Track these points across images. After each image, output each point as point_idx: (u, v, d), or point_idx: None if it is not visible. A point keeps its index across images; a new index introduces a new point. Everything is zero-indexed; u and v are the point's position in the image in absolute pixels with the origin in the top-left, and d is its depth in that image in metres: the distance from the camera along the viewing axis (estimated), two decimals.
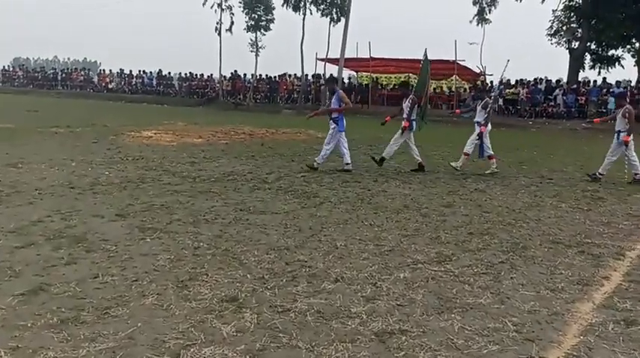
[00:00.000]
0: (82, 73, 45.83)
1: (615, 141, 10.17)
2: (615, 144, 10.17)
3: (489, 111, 10.96)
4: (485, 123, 10.83)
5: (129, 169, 9.47)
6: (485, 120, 10.81)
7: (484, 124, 10.80)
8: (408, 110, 10.59)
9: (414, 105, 10.57)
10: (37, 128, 15.57)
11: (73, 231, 5.46)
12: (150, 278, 4.29)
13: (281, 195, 7.84)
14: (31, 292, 3.87)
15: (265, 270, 4.60)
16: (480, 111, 11.04)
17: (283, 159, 11.77)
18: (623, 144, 9.99)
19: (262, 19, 36.80)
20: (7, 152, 10.67)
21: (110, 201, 6.96)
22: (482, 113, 10.94)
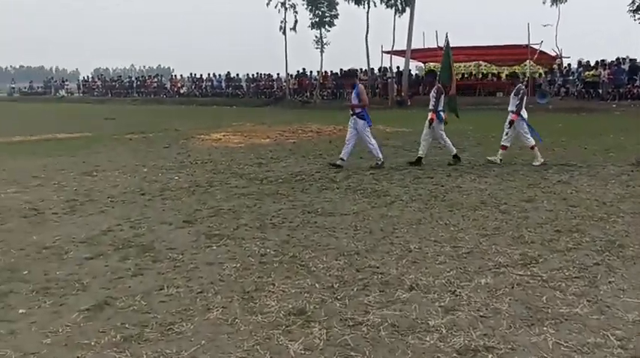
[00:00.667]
0: (155, 79, 47.43)
1: None
2: None
3: (522, 98, 10.18)
4: (518, 111, 10.12)
5: (197, 173, 9.49)
6: (518, 107, 10.10)
7: (516, 112, 10.10)
8: (434, 101, 10.01)
9: (439, 96, 10.00)
10: (112, 135, 16.07)
11: (141, 240, 5.42)
12: (215, 289, 4.13)
13: (350, 195, 7.56)
14: (96, 307, 3.79)
15: (335, 278, 4.34)
16: (512, 99, 10.32)
17: (351, 156, 11.44)
18: None
19: (326, 15, 36.60)
20: (84, 160, 10.98)
21: (178, 206, 6.92)
22: (514, 100, 10.21)
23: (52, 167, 10.12)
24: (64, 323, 3.54)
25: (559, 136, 13.86)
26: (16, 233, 5.71)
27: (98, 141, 14.80)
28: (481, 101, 29.24)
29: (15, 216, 6.45)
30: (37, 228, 5.93)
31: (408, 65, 31.72)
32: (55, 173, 9.46)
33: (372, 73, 34.34)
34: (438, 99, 9.97)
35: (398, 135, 15.94)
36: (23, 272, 4.52)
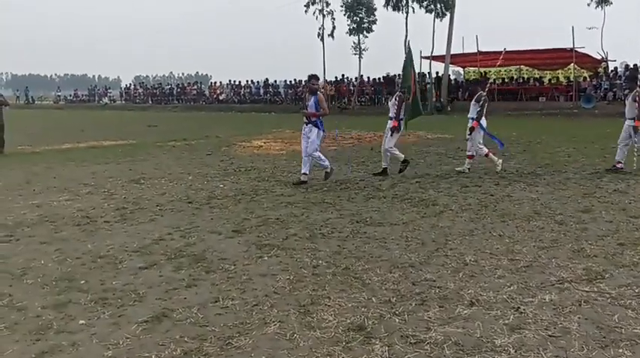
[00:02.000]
0: (194, 86, 48.17)
1: (627, 128, 9.56)
2: (627, 132, 9.58)
3: (483, 105, 9.94)
4: (478, 119, 9.87)
5: (242, 181, 9.51)
6: (479, 114, 9.85)
7: (476, 119, 9.86)
8: (395, 109, 9.71)
9: (401, 104, 9.69)
10: (156, 143, 16.31)
11: (192, 250, 5.42)
12: (270, 302, 4.07)
13: (397, 204, 7.44)
14: (154, 318, 3.78)
15: (391, 292, 4.23)
16: (472, 106, 10.09)
17: (395, 164, 11.31)
18: (635, 131, 9.45)
19: (364, 21, 36.58)
20: (131, 168, 11.15)
21: (226, 215, 6.92)
22: (475, 107, 9.97)
23: (101, 175, 10.31)
24: (123, 334, 3.54)
25: (608, 142, 13.40)
26: (71, 241, 5.79)
27: (142, 148, 15.04)
28: (523, 106, 28.68)
29: (69, 224, 6.56)
30: (91, 236, 6.00)
31: (448, 70, 31.37)
32: (104, 180, 9.62)
33: None
34: (400, 108, 9.69)
35: (440, 141, 15.71)
36: (80, 281, 4.56)
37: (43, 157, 13.34)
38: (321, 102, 9.13)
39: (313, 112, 9.11)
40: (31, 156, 13.68)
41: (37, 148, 15.54)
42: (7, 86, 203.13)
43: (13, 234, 6.09)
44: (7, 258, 5.21)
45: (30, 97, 60.11)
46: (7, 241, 5.83)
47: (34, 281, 4.57)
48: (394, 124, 9.70)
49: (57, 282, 4.54)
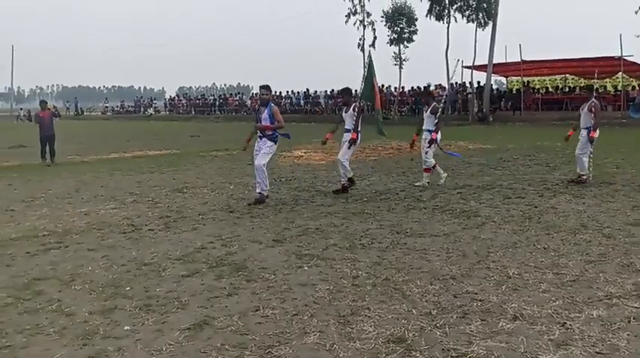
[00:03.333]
0: (236, 97, 48.92)
1: (584, 138, 9.53)
2: (584, 141, 9.55)
3: (440, 117, 9.68)
4: (437, 130, 9.60)
5: (282, 191, 9.59)
6: (436, 126, 9.59)
7: (435, 131, 9.58)
8: (352, 120, 9.11)
9: (360, 115, 9.20)
10: (198, 152, 16.62)
11: (233, 258, 5.48)
12: (310, 312, 4.08)
13: (438, 215, 7.35)
14: (196, 326, 3.84)
15: (432, 304, 4.18)
16: (428, 118, 9.73)
17: (436, 174, 11.20)
18: (590, 141, 9.46)
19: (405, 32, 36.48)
20: (174, 177, 11.39)
21: (267, 225, 6.98)
22: (431, 119, 9.65)
23: (146, 184, 10.56)
24: (166, 341, 3.60)
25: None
26: (117, 249, 5.94)
27: (186, 158, 15.34)
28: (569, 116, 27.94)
29: (115, 231, 6.74)
30: (136, 244, 6.15)
31: (490, 80, 30.92)
32: (149, 189, 9.85)
33: (451, 88, 33.72)
34: (359, 118, 9.17)
35: (481, 152, 15.47)
36: (126, 288, 4.67)
37: (92, 167, 13.77)
38: (275, 114, 8.42)
39: (267, 125, 8.38)
40: (80, 166, 14.14)
41: (86, 158, 16.05)
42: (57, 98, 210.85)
43: (63, 241, 6.29)
44: (57, 264, 5.39)
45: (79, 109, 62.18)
46: (57, 248, 6.03)
47: (81, 287, 4.71)
48: (353, 137, 9.08)
49: (103, 288, 4.66)
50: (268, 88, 8.41)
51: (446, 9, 32.95)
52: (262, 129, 8.42)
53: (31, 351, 3.50)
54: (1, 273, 5.14)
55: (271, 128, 8.42)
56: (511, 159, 13.01)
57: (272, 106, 8.45)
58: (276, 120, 8.45)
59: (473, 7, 32.38)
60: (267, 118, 8.38)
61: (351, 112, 9.20)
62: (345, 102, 9.50)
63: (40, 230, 6.89)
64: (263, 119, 8.38)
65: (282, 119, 8.58)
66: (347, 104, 9.39)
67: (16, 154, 17.64)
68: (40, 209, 8.27)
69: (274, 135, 8.49)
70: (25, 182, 11.21)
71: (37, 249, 5.99)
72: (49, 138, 14.80)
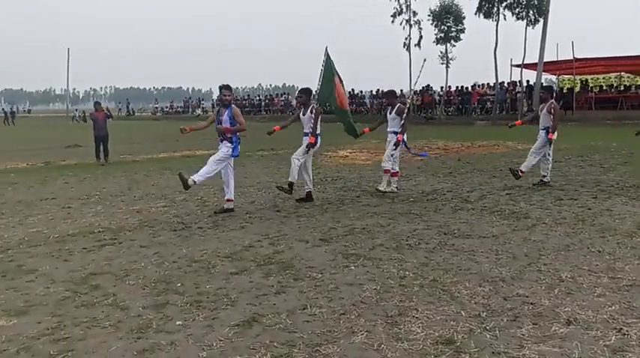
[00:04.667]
0: (282, 97, 49.32)
1: (542, 138, 9.52)
2: (541, 141, 9.53)
3: (405, 119, 9.11)
4: (402, 132, 9.09)
5: (328, 190, 9.61)
6: (402, 128, 9.09)
7: (400, 132, 9.07)
8: (312, 123, 8.51)
9: (318, 117, 8.57)
10: (245, 152, 16.78)
11: (281, 257, 5.54)
12: (357, 311, 4.07)
13: (486, 216, 7.22)
14: (245, 323, 3.89)
15: (481, 306, 4.11)
16: (393, 119, 9.20)
17: (484, 175, 11.05)
18: (549, 142, 9.47)
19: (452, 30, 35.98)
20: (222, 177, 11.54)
21: (313, 224, 7.02)
22: (396, 121, 9.15)
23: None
24: (217, 337, 3.67)
25: None
26: (168, 246, 6.09)
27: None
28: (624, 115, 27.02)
29: (166, 229, 6.90)
30: (186, 241, 6.28)
31: (540, 79, 30.11)
32: (198, 188, 10.01)
33: (500, 87, 33.06)
34: (317, 121, 8.56)
35: None
36: (177, 284, 4.78)
37: (143, 166, 14.15)
38: (237, 116, 7.85)
39: (227, 128, 7.83)
40: (132, 165, 14.55)
41: (137, 157, 16.51)
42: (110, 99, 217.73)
43: (117, 238, 6.49)
44: (112, 260, 5.57)
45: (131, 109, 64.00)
46: (112, 244, 6.22)
47: (135, 283, 4.84)
48: (311, 140, 8.50)
49: (156, 284, 4.79)
50: (229, 88, 7.91)
51: (495, 6, 32.32)
52: (222, 131, 7.87)
53: (89, 343, 3.63)
54: (60, 268, 5.35)
55: (232, 131, 7.82)
56: (562, 160, 12.64)
57: (233, 108, 7.88)
58: (238, 123, 7.85)
59: (523, 4, 31.64)
60: (227, 120, 7.82)
61: (308, 115, 8.59)
62: (302, 103, 8.84)
63: (95, 226, 7.13)
64: (223, 121, 7.84)
65: (244, 121, 7.96)
66: (305, 105, 8.74)
67: (71, 153, 18.31)
68: (95, 206, 8.56)
69: (235, 138, 7.89)
70: (80, 180, 11.62)
71: (93, 244, 6.21)
72: (102, 138, 15.28)
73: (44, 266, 5.40)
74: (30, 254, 5.87)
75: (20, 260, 5.63)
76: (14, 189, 10.47)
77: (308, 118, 8.58)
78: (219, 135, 7.98)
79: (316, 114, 8.54)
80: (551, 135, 9.38)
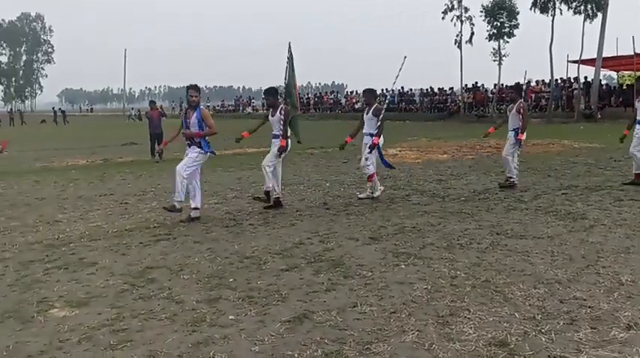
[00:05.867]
0: (331, 96, 49.42)
1: (512, 140, 9.28)
2: (511, 143, 9.29)
3: (382, 120, 8.57)
4: (378, 134, 8.57)
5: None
6: (379, 129, 8.57)
7: (377, 135, 8.55)
8: (281, 124, 8.00)
9: (287, 118, 8.06)
10: (294, 150, 16.91)
11: (331, 255, 5.56)
12: (408, 310, 4.05)
13: (541, 216, 7.03)
14: (296, 319, 3.93)
15: (535, 308, 4.01)
16: (370, 120, 8.64)
17: (538, 174, 10.76)
18: (518, 144, 9.26)
19: (505, 26, 35.13)
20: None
21: (363, 222, 7.01)
22: (373, 121, 8.59)
23: (245, 180, 10.96)
24: (268, 332, 3.72)
25: None
26: (221, 242, 6.21)
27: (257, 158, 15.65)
28: None
29: (218, 225, 7.05)
30: (237, 237, 6.40)
31: (599, 75, 29.07)
32: (248, 186, 10.22)
33: (556, 84, 32.08)
34: (286, 122, 8.07)
35: (588, 151, 14.61)
36: (229, 279, 4.87)
37: None
38: (206, 118, 7.42)
39: (196, 132, 7.37)
40: None
41: None
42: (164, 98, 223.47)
43: (171, 233, 6.67)
44: (167, 255, 5.73)
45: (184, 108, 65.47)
46: (167, 239, 6.40)
47: (189, 277, 4.97)
48: (282, 144, 8.02)
49: (209, 279, 4.90)
50: (197, 88, 7.49)
51: (551, 1, 31.32)
52: (190, 136, 7.40)
53: (146, 335, 3.75)
54: (118, 261, 5.54)
55: (201, 135, 7.38)
56: (623, 159, 12.14)
57: (202, 110, 7.47)
58: (207, 126, 7.42)
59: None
60: (195, 123, 7.37)
61: (277, 116, 8.06)
62: (270, 104, 8.31)
63: (151, 222, 7.35)
64: (191, 124, 7.38)
65: (213, 124, 7.52)
66: (273, 107, 8.20)
67: (128, 151, 18.92)
68: (151, 202, 8.82)
69: (205, 143, 7.45)
70: (136, 177, 11.99)
71: (149, 239, 6.40)
72: (157, 136, 15.71)
73: (104, 259, 5.61)
74: (90, 247, 6.10)
75: (81, 253, 5.87)
76: (75, 185, 10.91)
77: (277, 120, 8.07)
78: (187, 140, 7.49)
79: (285, 115, 8.03)
80: (520, 136, 9.11)
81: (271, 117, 8.19)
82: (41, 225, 7.33)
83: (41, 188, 10.68)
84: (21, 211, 8.33)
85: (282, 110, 8.06)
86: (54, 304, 4.38)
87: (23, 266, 5.45)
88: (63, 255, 5.83)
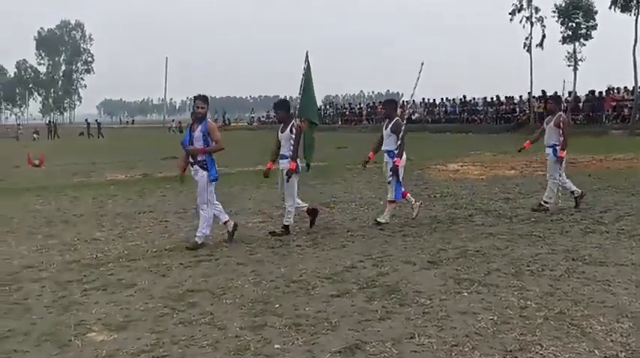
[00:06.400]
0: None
1: (552, 158, 8.91)
2: (552, 161, 8.90)
3: (402, 138, 8.10)
4: (400, 155, 8.11)
5: (437, 208, 9.49)
6: (399, 149, 8.10)
7: (398, 156, 8.09)
8: (292, 143, 7.60)
9: (299, 136, 7.73)
10: (345, 165, 17.00)
11: (385, 280, 5.54)
12: (471, 343, 3.99)
13: (624, 241, 6.81)
14: (347, 350, 3.93)
15: (619, 345, 3.88)
16: (388, 136, 8.21)
17: (620, 193, 10.42)
18: (560, 162, 8.82)
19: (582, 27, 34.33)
20: (321, 191, 11.77)
21: (421, 244, 6.96)
22: (392, 138, 8.16)
23: None
24: None
25: None
26: (265, 264, 6.29)
27: (333, 171, 15.79)
28: None
29: (263, 246, 7.14)
30: (284, 260, 6.47)
31: None
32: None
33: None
34: (298, 142, 7.68)
35: None
36: (275, 305, 4.92)
37: (237, 179, 14.70)
38: (212, 131, 7.18)
39: (201, 148, 7.13)
40: (227, 178, 15.12)
41: (233, 170, 17.18)
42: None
43: (213, 254, 6.80)
44: (209, 277, 5.84)
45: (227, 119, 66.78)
46: (208, 260, 6.53)
47: (232, 302, 5.05)
48: (291, 166, 7.59)
49: (253, 304, 4.96)
50: (205, 99, 7.30)
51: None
52: (194, 153, 7.17)
53: None
54: (158, 283, 5.69)
55: (205, 151, 7.16)
56: None
57: (208, 123, 7.28)
58: (213, 140, 7.20)
59: None
60: (200, 137, 7.12)
61: (287, 134, 7.70)
62: (281, 119, 8.01)
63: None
64: (195, 138, 7.15)
65: (220, 138, 7.28)
66: (284, 122, 7.88)
67: (168, 166, 19.41)
68: (192, 221, 8.99)
69: (211, 163, 7.20)
70: (177, 193, 12.27)
71: (190, 260, 6.54)
72: None
73: (143, 280, 5.77)
74: (129, 268, 6.29)
75: (120, 274, 6.06)
76: (114, 202, 11.28)
77: (287, 138, 7.69)
78: (190, 159, 7.27)
79: (297, 134, 7.67)
80: (561, 153, 8.72)
81: (280, 134, 7.85)
82: (79, 243, 7.61)
83: (79, 204, 11.09)
84: (59, 228, 8.67)
85: (293, 127, 7.71)
86: (92, 327, 4.53)
87: (60, 286, 5.66)
88: (101, 275, 6.03)
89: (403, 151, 8.22)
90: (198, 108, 7.25)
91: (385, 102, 8.99)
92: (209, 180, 7.15)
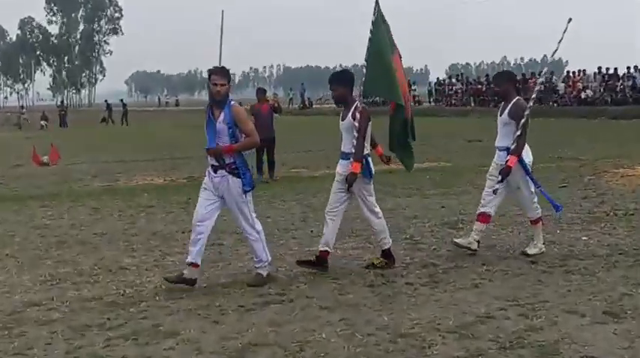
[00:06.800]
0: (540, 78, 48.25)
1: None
2: None
3: (523, 126, 7.96)
4: (518, 151, 7.97)
5: (619, 232, 9.27)
6: (519, 142, 7.98)
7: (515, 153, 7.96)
8: (353, 136, 7.42)
9: (367, 125, 7.51)
10: (477, 166, 16.75)
11: (537, 337, 5.45)
12: None
13: None
14: None
15: None
16: (505, 125, 8.25)
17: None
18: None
19: None
20: (444, 204, 11.71)
21: (592, 286, 6.82)
22: (509, 127, 8.15)
23: (399, 212, 11.06)
24: None
25: None
26: (361, 309, 6.35)
27: (459, 174, 15.70)
28: None
29: (357, 283, 7.20)
30: (387, 303, 6.50)
31: None
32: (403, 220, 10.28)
33: None
34: (365, 132, 7.51)
35: None
36: None
37: (322, 184, 14.74)
38: (240, 120, 7.12)
39: (228, 146, 7.06)
40: (307, 183, 15.37)
41: (316, 172, 17.36)
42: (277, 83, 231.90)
43: (286, 292, 6.94)
44: (279, 326, 5.95)
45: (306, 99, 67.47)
46: (279, 301, 6.66)
47: None
48: (353, 169, 7.42)
49: None
50: (225, 73, 7.19)
51: None
52: (218, 154, 7.13)
53: None
54: (209, 333, 5.85)
55: (234, 149, 7.10)
56: None
57: (233, 107, 7.13)
58: (244, 133, 7.16)
59: None
60: (225, 130, 7.06)
61: (349, 121, 7.59)
62: (338, 97, 7.92)
63: None
64: (218, 132, 7.08)
65: (253, 129, 7.26)
66: (344, 102, 7.84)
67: None
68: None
69: (242, 166, 7.16)
70: None
71: (253, 301, 6.69)
72: (268, 142, 15.79)
73: (187, 328, 5.95)
74: (169, 310, 6.51)
75: (156, 317, 6.28)
76: (148, 216, 11.67)
77: (348, 127, 7.61)
78: (212, 159, 7.25)
79: (362, 122, 7.50)
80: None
81: (341, 122, 7.80)
82: (101, 273, 7.93)
83: (101, 218, 11.55)
84: (73, 252, 9.06)
85: (355, 111, 7.57)
86: None
87: (76, 332, 5.92)
88: (131, 318, 6.27)
89: (523, 146, 8.11)
90: (216, 84, 7.07)
91: (497, 77, 8.99)
92: (243, 190, 7.15)
